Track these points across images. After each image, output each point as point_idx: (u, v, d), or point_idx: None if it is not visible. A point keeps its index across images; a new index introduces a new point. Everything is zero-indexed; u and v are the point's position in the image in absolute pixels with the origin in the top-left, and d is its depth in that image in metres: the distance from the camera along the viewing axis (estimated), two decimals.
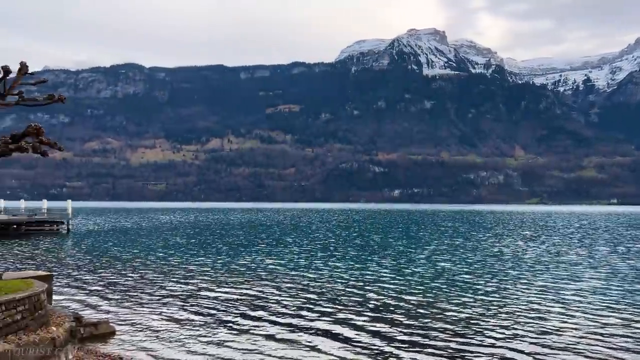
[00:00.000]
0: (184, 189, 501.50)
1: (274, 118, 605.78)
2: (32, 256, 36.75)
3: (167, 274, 28.13)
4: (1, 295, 11.69)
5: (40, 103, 16.28)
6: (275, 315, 18.61)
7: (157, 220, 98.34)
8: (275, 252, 39.82)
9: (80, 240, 51.62)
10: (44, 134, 14.04)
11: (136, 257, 36.31)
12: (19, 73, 14.91)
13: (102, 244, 47.22)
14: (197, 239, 53.15)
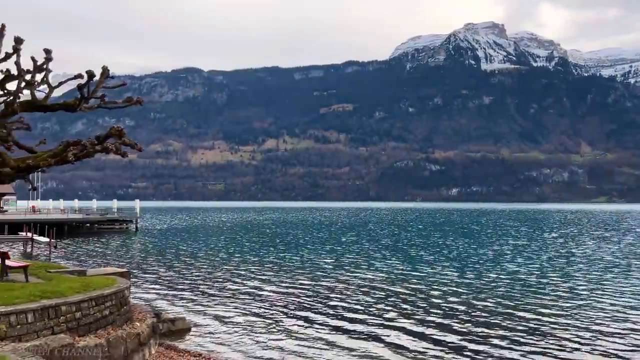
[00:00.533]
0: (241, 188, 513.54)
1: (327, 118, 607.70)
2: (107, 253, 38.56)
3: (233, 271, 28.63)
4: (91, 291, 12.16)
5: (119, 105, 16.86)
6: (340, 316, 18.39)
7: (218, 219, 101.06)
8: (334, 252, 39.69)
9: (148, 238, 53.74)
10: (125, 135, 14.49)
11: (202, 254, 37.29)
12: (101, 77, 15.48)
13: (169, 241, 48.91)
14: (258, 238, 54.00)
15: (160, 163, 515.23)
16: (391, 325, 16.99)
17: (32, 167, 13.31)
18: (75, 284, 12.76)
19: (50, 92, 15.97)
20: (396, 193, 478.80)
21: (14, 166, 13.48)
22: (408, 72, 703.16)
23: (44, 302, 10.74)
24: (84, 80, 16.84)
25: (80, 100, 15.38)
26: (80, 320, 11.25)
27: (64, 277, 14.68)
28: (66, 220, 59.13)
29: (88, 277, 14.63)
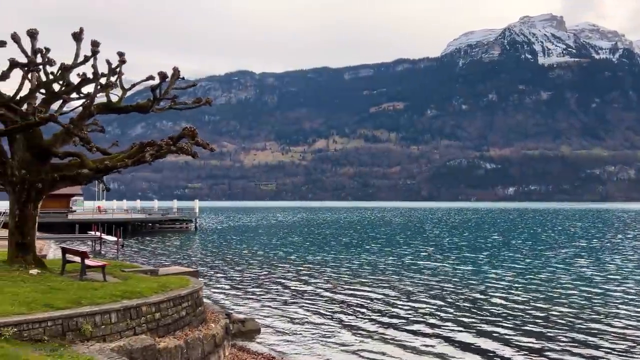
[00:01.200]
0: (292, 188, 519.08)
1: (378, 117, 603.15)
2: (171, 252, 39.52)
3: (296, 271, 28.48)
4: (168, 291, 12.14)
5: (189, 106, 16.95)
6: (408, 318, 17.69)
7: (273, 219, 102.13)
8: (389, 252, 38.84)
9: (208, 237, 54.83)
10: (198, 135, 14.47)
11: (262, 253, 37.48)
12: (172, 78, 15.57)
13: (228, 241, 49.65)
14: (314, 237, 53.88)
15: (215, 164, 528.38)
16: (464, 330, 16.15)
17: (110, 168, 13.50)
18: (152, 284, 12.80)
19: (123, 94, 16.24)
20: (449, 193, 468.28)
21: (92, 167, 13.73)
22: (461, 68, 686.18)
23: (126, 302, 10.77)
24: (155, 82, 17.09)
25: (153, 102, 15.55)
26: (160, 321, 11.21)
27: (139, 277, 14.83)
28: (130, 220, 61.39)
29: (163, 277, 14.71)
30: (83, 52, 14.15)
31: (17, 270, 13.32)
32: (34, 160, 14.39)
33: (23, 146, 14.16)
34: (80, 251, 14.19)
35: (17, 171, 13.86)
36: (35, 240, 14.45)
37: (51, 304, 10.02)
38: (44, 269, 14.10)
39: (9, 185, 13.98)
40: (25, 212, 14.03)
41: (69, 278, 13.84)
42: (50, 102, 15.10)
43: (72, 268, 15.43)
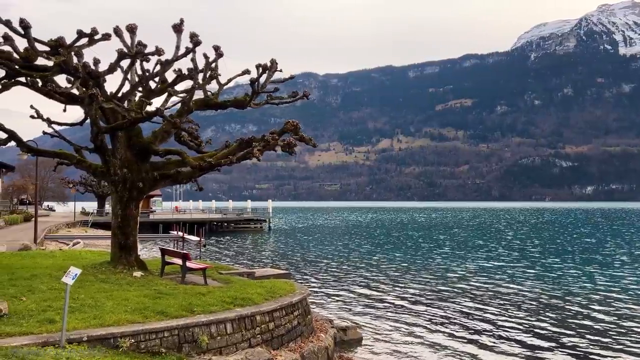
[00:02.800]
0: (356, 189, 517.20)
1: (444, 114, 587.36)
2: (250, 252, 39.35)
3: (380, 273, 27.05)
4: (279, 298, 11.18)
5: (286, 100, 16.06)
6: (512, 326, 15.73)
7: (342, 219, 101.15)
8: (469, 256, 36.40)
9: (282, 237, 54.58)
10: (300, 130, 13.47)
11: (342, 255, 36.35)
12: (269, 70, 14.68)
13: (304, 241, 49.05)
14: (390, 238, 52.16)
15: (281, 165, 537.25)
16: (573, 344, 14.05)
17: (214, 166, 12.77)
18: (258, 289, 11.91)
19: (219, 89, 15.59)
20: (521, 192, 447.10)
21: (195, 165, 13.06)
22: (533, 62, 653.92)
23: (239, 310, 9.88)
24: (248, 76, 16.28)
25: (252, 96, 14.75)
26: (274, 331, 10.25)
27: (240, 280, 14.08)
28: (207, 220, 62.55)
29: (265, 281, 13.84)
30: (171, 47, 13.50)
31: (122, 272, 12.90)
32: (135, 159, 13.99)
33: (124, 144, 13.78)
34: (181, 253, 13.60)
35: (119, 170, 13.49)
36: (137, 241, 14.05)
37: (164, 311, 9.30)
38: (146, 271, 13.64)
39: (112, 185, 13.64)
40: (127, 212, 13.63)
41: (170, 280, 13.29)
42: (148, 98, 14.70)
43: (171, 270, 14.97)
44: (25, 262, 14.91)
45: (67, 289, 7.60)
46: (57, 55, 10.71)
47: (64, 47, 10.87)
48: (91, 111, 11.94)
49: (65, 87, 10.90)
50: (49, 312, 8.73)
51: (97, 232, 48.92)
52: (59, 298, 9.90)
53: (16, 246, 21.88)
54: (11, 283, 10.86)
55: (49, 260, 15.99)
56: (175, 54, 13.19)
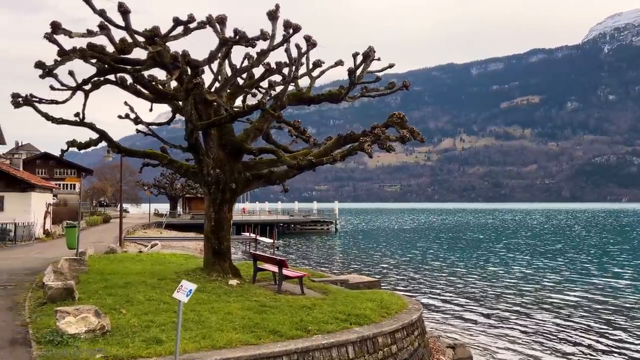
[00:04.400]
0: (417, 190, 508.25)
1: (510, 112, 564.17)
2: (323, 255, 38.29)
3: (464, 281, 24.98)
4: (396, 315, 9.75)
5: (382, 93, 14.64)
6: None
7: (409, 221, 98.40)
8: (560, 262, 33.25)
9: (350, 239, 53.19)
10: (407, 122, 11.98)
11: (419, 259, 34.44)
12: (366, 60, 13.27)
13: (375, 243, 47.43)
14: (464, 242, 49.42)
15: (340, 167, 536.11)
16: None
17: (314, 165, 11.54)
18: (369, 303, 10.53)
19: (312, 83, 14.42)
20: (595, 192, 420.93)
21: (292, 164, 11.90)
22: (606, 55, 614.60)
23: (359, 330, 8.54)
24: (338, 67, 15.03)
25: (349, 88, 13.44)
26: (397, 355, 8.83)
27: (340, 291, 12.79)
28: (275, 221, 62.31)
29: (368, 292, 12.45)
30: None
31: (217, 280, 11.96)
32: (227, 159, 13.06)
33: (216, 143, 12.88)
34: (277, 259, 12.49)
35: (212, 170, 12.58)
36: (230, 246, 13.10)
37: (277, 330, 8.11)
38: (241, 279, 12.65)
39: (205, 186, 12.76)
40: (221, 214, 12.71)
41: (265, 289, 12.22)
42: (235, 96, 13.76)
43: (260, 276, 13.97)
44: (115, 267, 14.40)
45: (180, 307, 6.57)
46: (154, 45, 9.87)
47: (159, 37, 10.02)
48: (186, 107, 11.07)
49: (163, 79, 10.02)
50: (153, 329, 7.78)
51: (171, 233, 49.72)
52: (159, 311, 9.02)
53: (102, 248, 21.89)
54: (107, 292, 10.14)
55: (138, 265, 15.46)
56: (271, 44, 12.09)
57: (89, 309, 7.44)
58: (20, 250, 22.72)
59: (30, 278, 12.64)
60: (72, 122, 13.06)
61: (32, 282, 11.84)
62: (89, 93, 13.09)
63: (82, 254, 14.89)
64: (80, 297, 9.57)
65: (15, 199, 28.68)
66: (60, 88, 12.79)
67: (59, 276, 11.12)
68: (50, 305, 8.93)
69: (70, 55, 10.43)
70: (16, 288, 11.01)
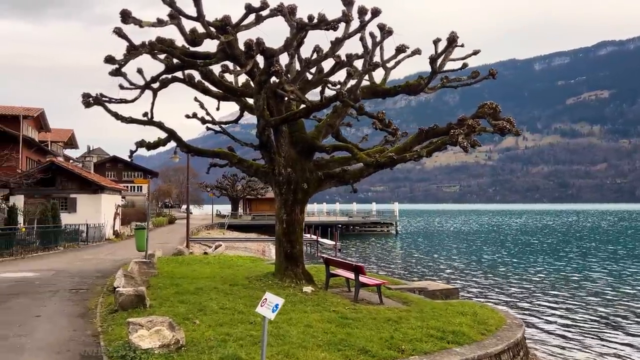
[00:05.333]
0: (477, 190, 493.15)
1: (576, 109, 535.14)
2: (386, 258, 37.02)
3: (550, 290, 22.92)
4: (495, 332, 8.51)
5: (465, 82, 13.35)
6: None
7: (472, 223, 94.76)
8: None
9: (412, 242, 51.45)
10: (500, 113, 10.66)
11: (490, 263, 32.40)
12: (448, 46, 12.03)
13: (438, 247, 45.53)
14: (537, 245, 46.42)
15: (397, 167, 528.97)
16: None
17: (396, 162, 10.47)
18: (462, 317, 9.35)
19: (387, 74, 13.36)
20: None
21: (369, 162, 10.88)
22: None
23: (460, 351, 7.40)
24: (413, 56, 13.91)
25: (430, 77, 12.26)
26: None
27: (422, 301, 11.66)
28: (334, 223, 61.53)
29: (454, 303, 11.23)
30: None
31: (290, 287, 11.16)
32: (298, 157, 12.25)
33: (287, 141, 12.10)
34: (353, 265, 11.52)
35: (283, 169, 11.82)
36: (303, 250, 12.29)
37: (366, 348, 7.14)
38: (314, 285, 11.79)
39: (276, 186, 12.01)
40: (293, 216, 11.91)
41: (342, 297, 11.30)
42: (303, 91, 12.93)
43: (333, 282, 13.07)
44: (184, 271, 13.98)
45: (265, 325, 5.75)
46: (226, 34, 9.19)
47: (231, 27, 9.34)
48: (258, 101, 10.34)
49: (237, 69, 9.31)
50: (231, 344, 7.02)
51: (233, 234, 50.09)
52: (234, 322, 8.28)
53: (169, 250, 21.88)
54: (179, 299, 9.56)
55: (206, 268, 15.01)
56: (346, 31, 11.18)
57: (162, 321, 6.78)
58: (91, 251, 23.13)
59: (102, 281, 12.39)
60: (141, 121, 12.76)
61: (103, 286, 11.54)
62: (157, 92, 12.76)
63: (151, 256, 14.61)
64: (151, 304, 9.03)
65: (87, 200, 29.50)
66: (129, 87, 12.54)
67: (129, 280, 10.72)
68: (121, 313, 8.42)
69: (139, 50, 9.98)
70: (88, 292, 10.71)
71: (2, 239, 19.81)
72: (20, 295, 10.16)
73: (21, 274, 13.56)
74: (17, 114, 36.69)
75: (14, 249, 20.21)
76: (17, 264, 17.53)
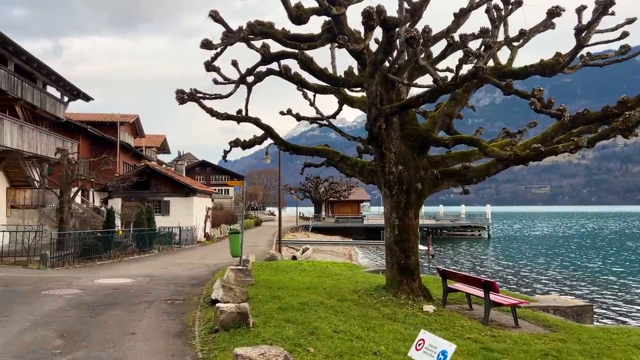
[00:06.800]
0: (570, 191, 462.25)
1: None
2: (482, 265, 34.24)
3: None
4: None
5: (612, 60, 11.00)
6: None
7: (573, 226, 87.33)
8: None
9: (508, 247, 47.69)
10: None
11: (607, 274, 28.63)
12: (604, 12, 9.78)
13: (536, 252, 41.64)
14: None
15: None
16: None
17: (544, 154, 8.48)
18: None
19: (514, 53, 11.36)
20: None
21: (504, 156, 8.99)
22: None
23: None
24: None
25: (573, 53, 10.12)
26: None
27: (567, 324, 9.56)
28: (420, 226, 58.88)
29: (619, 332, 9.03)
30: None
31: (407, 305, 9.53)
32: (410, 153, 10.61)
33: (398, 134, 10.51)
34: (482, 280, 9.68)
35: (394, 167, 10.24)
36: (419, 261, 10.63)
37: None
38: (434, 303, 10.09)
39: (386, 186, 10.46)
40: (406, 221, 10.28)
41: (468, 317, 9.52)
42: (410, 79, 11.27)
43: (450, 298, 11.29)
44: (282, 279, 12.83)
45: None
46: (338, 6, 7.83)
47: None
48: (371, 87, 8.86)
49: (351, 45, 7.89)
50: None
51: (317, 236, 49.30)
52: (354, 351, 6.80)
53: (260, 254, 21.13)
54: (284, 317, 8.28)
55: (304, 276, 13.79)
56: (472, 2, 9.40)
57: (277, 354, 5.46)
58: (184, 254, 22.96)
59: (197, 290, 11.52)
60: (237, 117, 11.80)
61: (200, 296, 10.62)
62: (252, 86, 11.77)
63: (245, 262, 13.66)
64: (254, 323, 7.82)
65: (179, 203, 29.78)
66: (222, 82, 11.66)
67: (227, 292, 9.68)
68: (223, 334, 7.28)
69: (237, 34, 8.90)
70: (184, 304, 9.79)
71: (102, 242, 20.01)
72: (116, 306, 9.42)
73: (118, 280, 13.10)
74: (114, 121, 38.31)
75: (112, 251, 20.37)
76: (114, 267, 17.44)
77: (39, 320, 8.13)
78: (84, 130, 33.58)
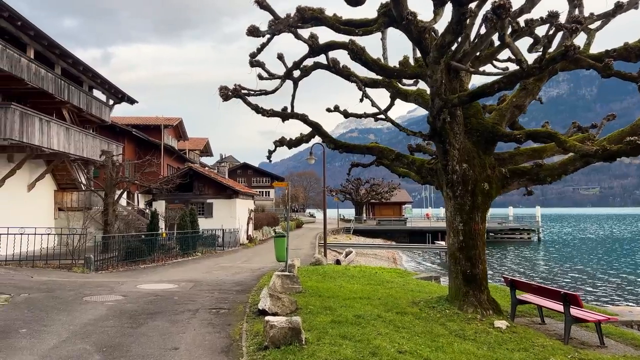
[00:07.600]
0: (621, 192, 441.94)
1: None
2: (526, 270, 32.40)
3: None
4: None
5: None
6: None
7: (631, 228, 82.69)
8: None
9: (558, 251, 45.23)
10: None
11: None
12: None
13: (590, 257, 39.18)
14: None
15: None
16: None
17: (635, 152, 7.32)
18: None
19: (590, 38, 10.14)
20: None
21: (590, 151, 7.84)
22: None
23: None
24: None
25: None
26: None
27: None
28: None
29: None
30: None
31: (475, 320, 8.49)
32: (475, 149, 9.57)
33: (462, 129, 9.49)
34: (561, 292, 8.53)
35: (457, 165, 9.23)
36: (487, 270, 9.57)
37: None
38: (504, 317, 9.01)
39: (448, 187, 9.46)
40: (472, 225, 9.25)
41: (546, 335, 8.39)
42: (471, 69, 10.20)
43: (519, 310, 10.16)
44: (331, 287, 12.01)
45: None
46: None
47: None
48: (435, 75, 7.93)
49: (423, 23, 6.98)
50: None
51: (359, 239, 48.32)
52: None
53: (303, 257, 20.42)
54: (339, 332, 7.44)
55: (353, 283, 12.93)
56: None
57: None
58: (227, 258, 22.52)
59: (242, 297, 10.85)
60: (283, 113, 11.08)
61: (245, 305, 9.92)
62: (298, 81, 11.03)
63: (291, 267, 12.92)
64: (307, 339, 7.00)
65: (222, 205, 29.52)
66: (267, 77, 11.00)
67: (275, 302, 8.93)
68: (273, 352, 6.50)
69: (286, 20, 8.15)
70: (230, 314, 9.11)
71: (145, 245, 19.79)
72: (158, 315, 8.83)
73: (161, 286, 12.62)
74: (159, 124, 38.62)
75: (155, 254, 20.11)
76: (157, 271, 17.09)
77: (77, 331, 7.60)
78: (128, 133, 33.91)
